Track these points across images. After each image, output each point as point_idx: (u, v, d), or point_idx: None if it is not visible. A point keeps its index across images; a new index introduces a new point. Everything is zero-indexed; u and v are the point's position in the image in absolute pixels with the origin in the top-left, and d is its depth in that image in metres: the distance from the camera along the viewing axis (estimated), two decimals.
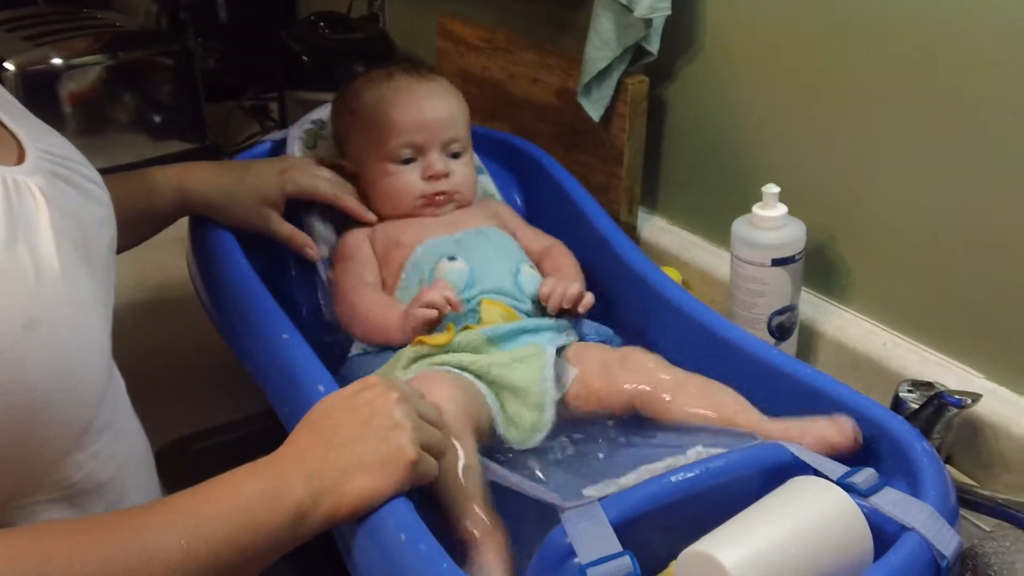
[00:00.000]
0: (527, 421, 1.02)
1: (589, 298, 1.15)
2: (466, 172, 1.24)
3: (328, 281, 1.23)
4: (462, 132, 1.24)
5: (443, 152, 1.22)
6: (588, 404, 1.05)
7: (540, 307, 1.15)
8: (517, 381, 1.03)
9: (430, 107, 1.22)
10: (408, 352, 1.06)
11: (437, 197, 1.22)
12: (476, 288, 1.13)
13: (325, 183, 1.25)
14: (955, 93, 1.09)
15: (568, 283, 1.14)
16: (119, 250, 1.16)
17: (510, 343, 1.08)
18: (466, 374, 1.03)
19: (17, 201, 0.75)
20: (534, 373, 1.04)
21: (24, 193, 0.76)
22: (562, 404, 1.05)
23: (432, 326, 1.08)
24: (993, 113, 1.06)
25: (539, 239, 1.26)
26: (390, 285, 1.18)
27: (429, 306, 1.07)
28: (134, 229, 1.20)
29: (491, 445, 1.01)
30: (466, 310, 1.11)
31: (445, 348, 1.06)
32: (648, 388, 1.03)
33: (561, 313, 1.14)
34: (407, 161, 1.22)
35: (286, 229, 1.24)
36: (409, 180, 1.22)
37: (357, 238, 1.23)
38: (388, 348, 1.11)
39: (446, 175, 1.22)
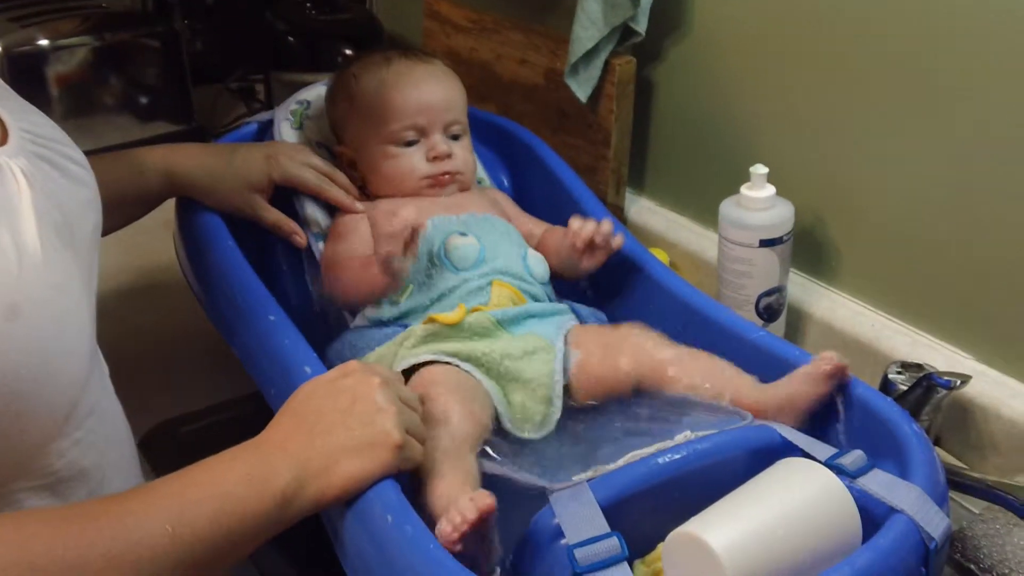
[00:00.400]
0: (535, 414, 1.03)
1: (620, 239, 1.17)
2: (466, 155, 1.24)
3: (320, 259, 1.22)
4: (461, 115, 1.24)
5: (444, 134, 1.22)
6: (591, 389, 1.05)
7: (546, 289, 1.16)
8: (528, 374, 1.03)
9: (431, 89, 1.22)
10: (418, 331, 1.05)
11: (442, 176, 1.21)
12: (487, 265, 1.12)
13: (312, 173, 1.24)
14: (944, 75, 1.09)
15: (600, 221, 1.16)
16: (105, 232, 1.14)
17: (517, 327, 1.08)
18: (475, 370, 1.02)
19: None
20: (544, 367, 1.04)
21: (6, 176, 0.75)
22: (566, 391, 1.05)
23: (411, 255, 1.08)
24: (981, 95, 1.06)
25: (538, 224, 1.26)
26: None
27: (392, 234, 1.07)
28: (121, 211, 1.19)
29: (494, 438, 1.00)
30: (477, 287, 1.11)
31: (456, 327, 1.05)
32: (649, 369, 1.03)
33: (574, 264, 1.16)
34: (409, 144, 1.22)
35: (272, 215, 1.23)
36: (413, 162, 1.21)
37: (355, 217, 1.22)
38: (394, 322, 1.11)
39: (449, 156, 1.21)
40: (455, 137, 1.23)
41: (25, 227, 0.73)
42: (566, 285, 1.21)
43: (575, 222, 1.16)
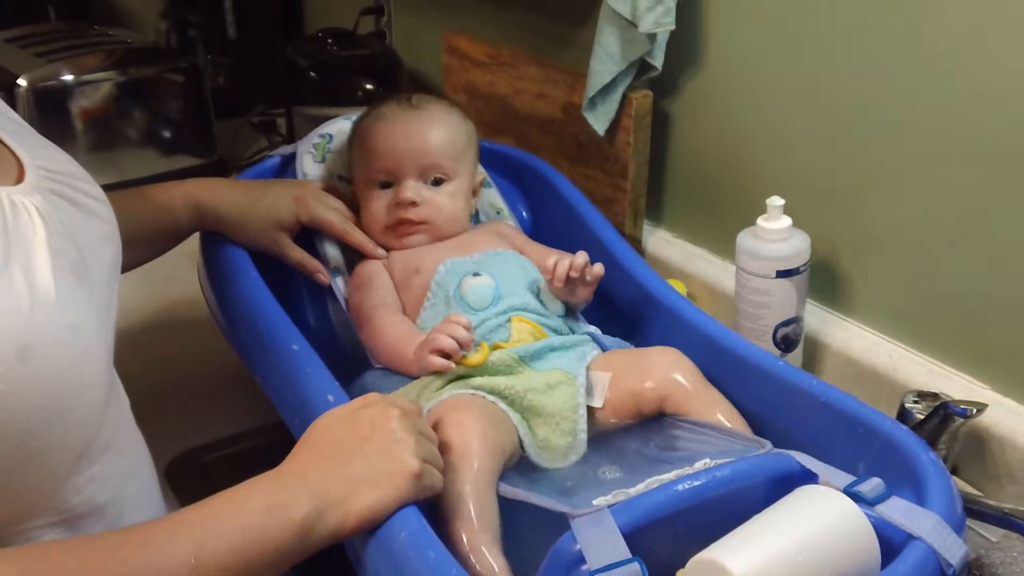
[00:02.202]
0: (560, 446, 1.04)
1: (598, 267, 1.16)
2: (443, 202, 1.23)
3: (346, 305, 1.24)
4: (445, 160, 1.23)
5: (421, 179, 1.23)
6: (619, 406, 1.06)
7: (566, 320, 1.16)
8: (550, 408, 1.04)
9: (406, 135, 1.23)
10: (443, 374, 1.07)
11: (399, 225, 1.23)
12: (504, 303, 1.13)
13: (337, 216, 1.26)
14: (960, 105, 1.10)
15: (574, 255, 1.15)
16: (135, 265, 1.16)
17: (539, 361, 1.08)
18: (500, 402, 1.03)
19: (13, 223, 0.74)
20: (567, 401, 1.05)
21: (21, 214, 0.75)
22: (597, 414, 1.06)
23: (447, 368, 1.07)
24: (999, 126, 1.07)
25: (549, 253, 1.26)
26: (413, 309, 1.18)
27: (441, 351, 1.05)
28: (150, 244, 1.21)
29: (520, 467, 1.02)
30: (497, 324, 1.12)
31: (479, 369, 1.06)
32: (674, 392, 1.05)
33: (570, 298, 1.17)
34: (386, 186, 1.24)
35: (297, 254, 1.25)
36: (379, 205, 1.24)
37: (373, 266, 1.24)
38: None
39: (412, 203, 1.22)
40: (437, 182, 1.24)
41: (39, 266, 0.73)
42: (592, 317, 1.22)
43: (549, 260, 1.16)
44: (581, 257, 1.15)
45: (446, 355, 1.05)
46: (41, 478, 0.74)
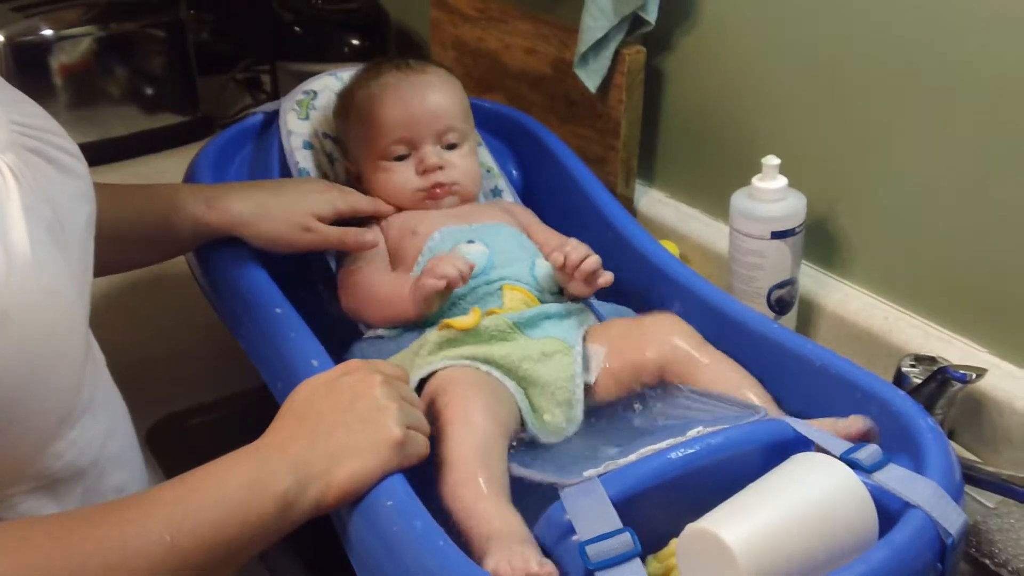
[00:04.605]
0: (556, 418, 1.01)
1: (606, 278, 1.11)
2: (465, 164, 1.23)
3: (337, 274, 1.21)
4: (457, 122, 1.22)
5: (438, 144, 1.21)
6: (616, 380, 1.04)
7: (556, 297, 1.14)
8: (546, 377, 1.02)
9: (418, 100, 1.21)
10: (433, 337, 1.04)
11: (435, 190, 1.21)
12: (495, 272, 1.11)
13: (366, 198, 1.23)
14: (957, 65, 1.08)
15: (584, 255, 1.10)
16: (134, 266, 1.13)
17: (534, 329, 1.06)
18: (494, 371, 1.01)
19: None
20: (563, 371, 1.03)
21: None
22: (594, 387, 1.04)
23: (442, 298, 1.07)
24: (995, 85, 1.05)
25: (555, 236, 1.24)
26: (404, 271, 1.16)
27: (441, 277, 1.04)
28: (148, 246, 1.15)
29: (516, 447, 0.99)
30: (487, 292, 1.10)
31: (472, 332, 1.04)
32: (675, 360, 1.02)
33: (568, 289, 1.13)
34: (401, 157, 1.21)
35: (336, 231, 1.19)
36: (404, 177, 1.21)
37: (370, 232, 1.21)
38: (408, 331, 1.10)
39: (440, 167, 1.20)
40: (452, 146, 1.22)
41: (14, 229, 0.71)
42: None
43: (557, 254, 1.10)
44: (591, 262, 1.10)
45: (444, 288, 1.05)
46: (21, 445, 0.73)
